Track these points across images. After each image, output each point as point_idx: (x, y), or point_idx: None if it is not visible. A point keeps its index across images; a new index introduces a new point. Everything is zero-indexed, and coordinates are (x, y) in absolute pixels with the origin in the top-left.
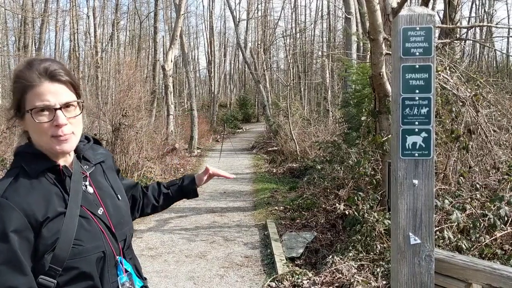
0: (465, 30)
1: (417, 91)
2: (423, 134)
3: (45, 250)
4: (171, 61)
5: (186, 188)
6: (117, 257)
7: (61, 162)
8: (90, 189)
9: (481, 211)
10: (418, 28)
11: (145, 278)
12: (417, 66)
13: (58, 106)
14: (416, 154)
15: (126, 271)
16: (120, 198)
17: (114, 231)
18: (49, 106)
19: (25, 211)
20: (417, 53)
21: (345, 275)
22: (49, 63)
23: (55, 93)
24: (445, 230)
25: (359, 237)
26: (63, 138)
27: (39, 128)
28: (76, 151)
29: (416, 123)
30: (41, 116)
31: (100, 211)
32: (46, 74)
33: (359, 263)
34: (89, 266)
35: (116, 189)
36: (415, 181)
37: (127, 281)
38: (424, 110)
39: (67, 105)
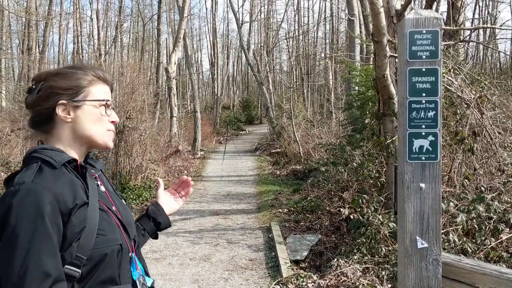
0: (468, 31)
1: (423, 94)
2: (430, 138)
3: (73, 238)
4: (175, 63)
5: (151, 210)
6: (131, 253)
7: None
8: (102, 188)
9: (487, 214)
10: (424, 31)
11: (153, 280)
12: (424, 70)
13: (113, 106)
14: (423, 158)
15: (138, 267)
16: (125, 202)
17: (127, 228)
18: (110, 104)
19: (56, 196)
20: (424, 56)
21: (350, 278)
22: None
23: (110, 95)
24: (450, 233)
25: (364, 240)
26: (113, 134)
27: (101, 119)
28: None
29: (423, 126)
30: (106, 110)
31: (113, 208)
32: (105, 79)
33: (364, 266)
34: (110, 257)
35: (119, 195)
36: (422, 185)
37: (141, 276)
38: (431, 114)
39: None
